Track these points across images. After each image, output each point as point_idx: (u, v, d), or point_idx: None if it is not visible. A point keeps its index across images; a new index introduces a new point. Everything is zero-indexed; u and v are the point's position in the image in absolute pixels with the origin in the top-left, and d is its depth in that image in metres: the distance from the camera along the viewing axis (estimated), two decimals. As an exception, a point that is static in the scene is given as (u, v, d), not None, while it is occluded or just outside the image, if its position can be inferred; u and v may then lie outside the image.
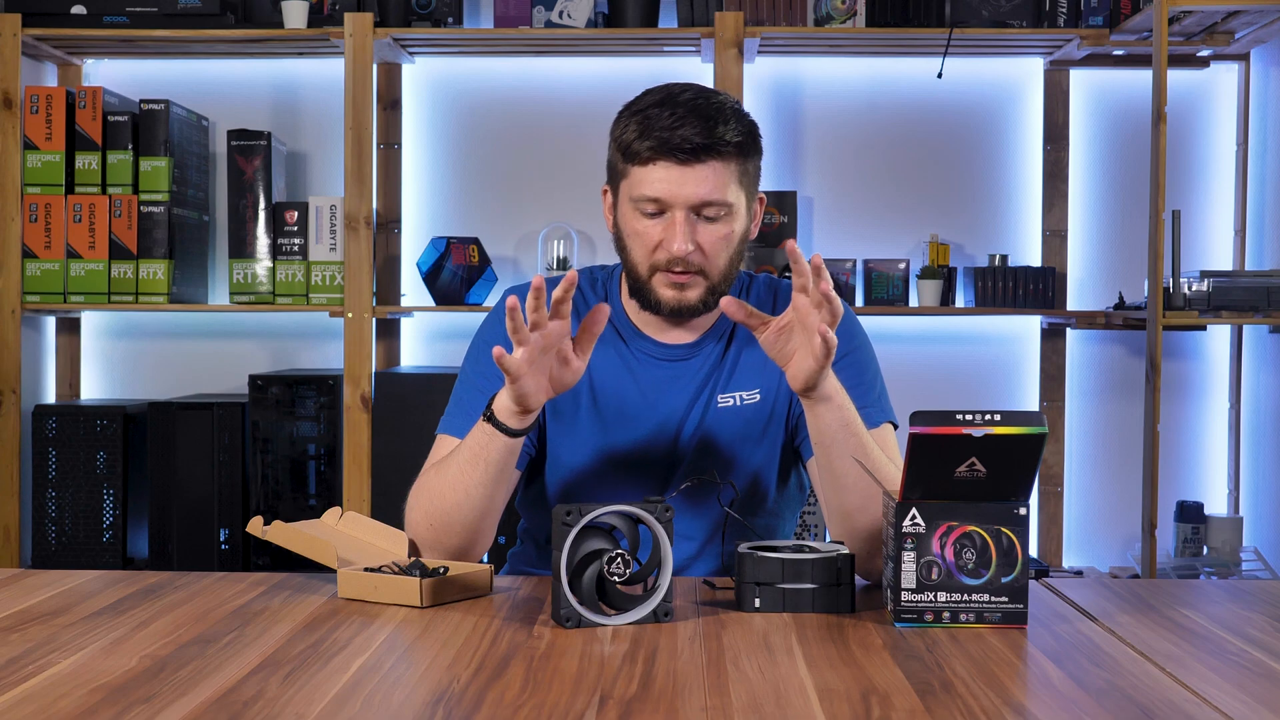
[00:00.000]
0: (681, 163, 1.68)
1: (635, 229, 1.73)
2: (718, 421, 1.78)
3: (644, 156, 1.69)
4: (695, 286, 1.73)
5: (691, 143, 1.67)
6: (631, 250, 1.74)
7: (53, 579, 1.65)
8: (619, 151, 1.73)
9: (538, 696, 1.16)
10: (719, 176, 1.69)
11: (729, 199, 1.71)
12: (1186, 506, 3.43)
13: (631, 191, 1.71)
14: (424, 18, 3.43)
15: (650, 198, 1.69)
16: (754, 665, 1.27)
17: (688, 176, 1.68)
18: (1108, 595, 1.60)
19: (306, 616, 1.46)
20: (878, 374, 1.81)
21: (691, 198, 1.68)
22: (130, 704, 1.13)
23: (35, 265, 3.36)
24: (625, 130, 1.72)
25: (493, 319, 1.83)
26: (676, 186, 1.68)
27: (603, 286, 1.86)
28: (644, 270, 1.74)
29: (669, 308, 1.74)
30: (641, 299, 1.76)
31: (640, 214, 1.71)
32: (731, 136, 1.69)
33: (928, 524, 1.41)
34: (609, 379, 1.79)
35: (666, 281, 1.72)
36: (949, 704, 1.15)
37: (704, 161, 1.68)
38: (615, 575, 1.42)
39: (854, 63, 3.63)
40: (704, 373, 1.80)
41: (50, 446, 3.32)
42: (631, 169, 1.71)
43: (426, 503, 1.68)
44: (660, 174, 1.68)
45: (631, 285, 1.77)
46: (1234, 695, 1.19)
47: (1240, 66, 3.56)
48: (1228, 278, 3.15)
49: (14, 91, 3.32)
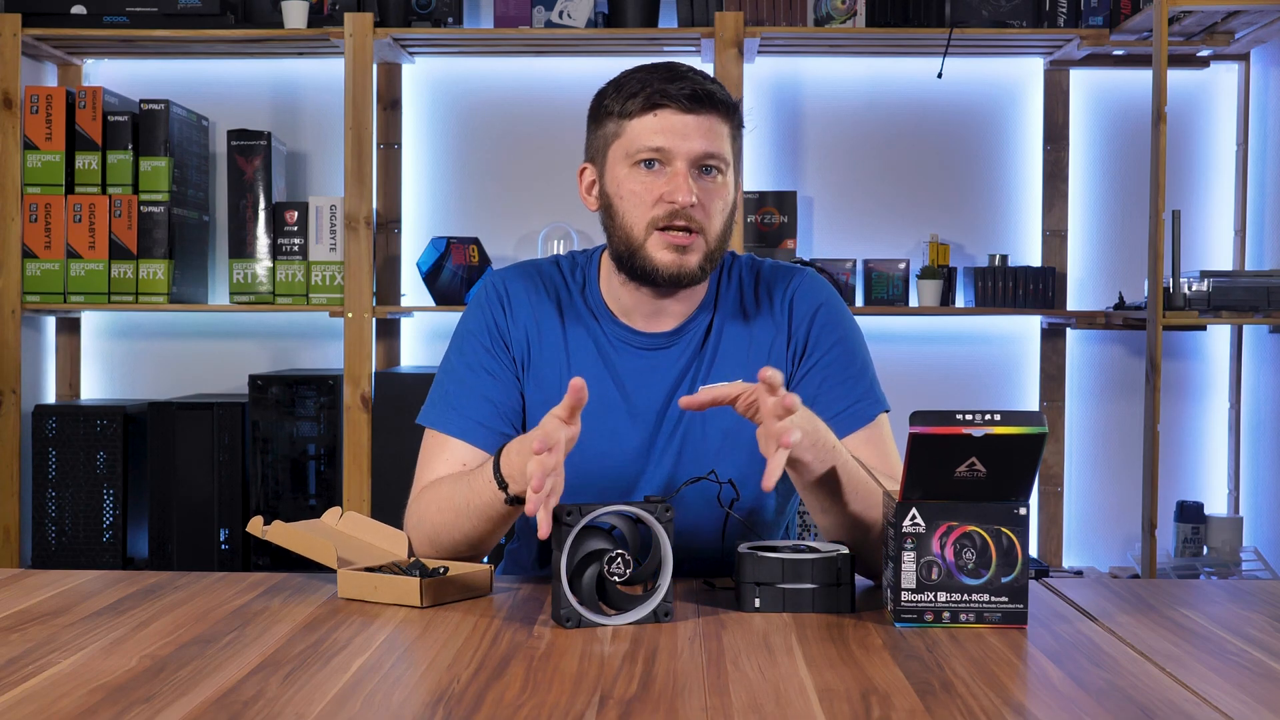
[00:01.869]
0: (685, 110, 1.66)
1: (631, 188, 1.69)
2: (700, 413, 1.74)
3: (642, 108, 1.67)
4: (695, 250, 1.68)
5: (691, 90, 1.66)
6: (626, 213, 1.69)
7: (53, 579, 1.65)
8: (609, 115, 1.71)
9: (538, 696, 1.16)
10: (718, 129, 1.68)
11: (726, 156, 1.70)
12: (1186, 506, 3.43)
13: (629, 146, 1.68)
14: (424, 18, 3.43)
15: (653, 147, 1.67)
16: (754, 665, 1.27)
17: (690, 126, 1.66)
18: (1108, 595, 1.60)
19: (306, 616, 1.46)
20: (867, 363, 1.78)
21: (694, 149, 1.67)
22: (130, 704, 1.13)
23: (35, 265, 3.36)
24: (616, 96, 1.70)
25: (474, 308, 1.81)
26: (680, 137, 1.66)
27: (581, 273, 1.82)
28: (640, 231, 1.69)
29: (668, 273, 1.69)
30: (633, 269, 1.71)
31: (638, 171, 1.68)
32: (722, 96, 1.70)
33: (928, 524, 1.41)
34: (585, 369, 1.76)
35: (666, 243, 1.68)
36: (949, 704, 1.15)
37: (704, 113, 1.67)
38: (615, 575, 1.42)
39: (854, 63, 3.63)
40: (683, 363, 1.76)
41: (50, 446, 3.32)
42: (627, 124, 1.68)
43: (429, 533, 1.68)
44: (662, 122, 1.66)
45: (622, 256, 1.72)
46: (1234, 695, 1.19)
47: (1240, 66, 3.56)
48: (1228, 278, 3.15)
49: (14, 91, 3.32)
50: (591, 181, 1.76)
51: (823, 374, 1.75)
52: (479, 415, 1.73)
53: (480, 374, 1.76)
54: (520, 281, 1.81)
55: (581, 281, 1.81)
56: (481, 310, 1.80)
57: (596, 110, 1.74)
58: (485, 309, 1.80)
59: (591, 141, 1.76)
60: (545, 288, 1.80)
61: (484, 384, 1.75)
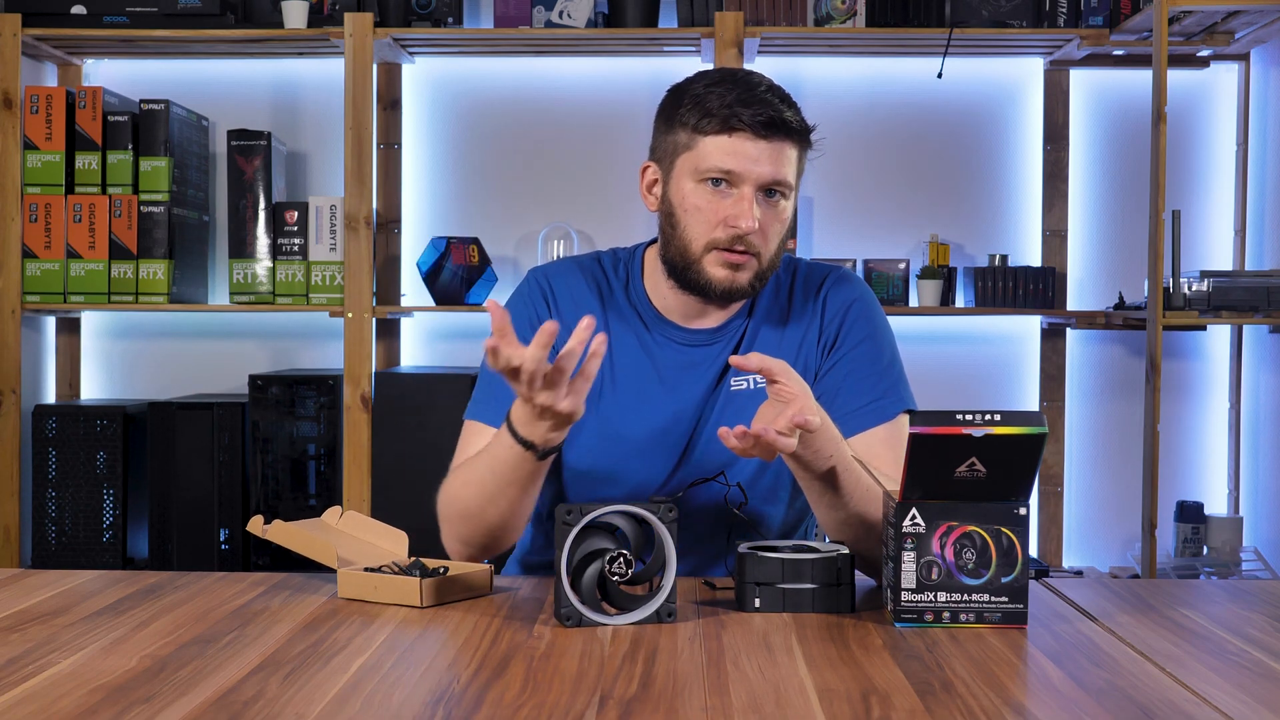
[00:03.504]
0: (757, 136, 1.66)
1: (696, 204, 1.69)
2: (731, 406, 1.76)
3: (716, 127, 1.67)
4: (749, 269, 1.70)
5: (766, 116, 1.66)
6: (687, 227, 1.70)
7: (53, 579, 1.65)
8: (682, 126, 1.70)
9: (538, 696, 1.16)
10: (785, 156, 1.69)
11: (791, 181, 1.71)
12: (1186, 506, 3.43)
13: (699, 163, 1.68)
14: (424, 18, 3.43)
15: (723, 169, 1.67)
16: (754, 665, 1.27)
17: (763, 151, 1.67)
18: (1108, 595, 1.60)
19: (306, 616, 1.46)
20: (895, 360, 1.80)
21: (764, 175, 1.67)
22: (130, 704, 1.13)
23: (35, 265, 3.36)
24: (691, 105, 1.69)
25: (517, 302, 1.81)
26: (751, 161, 1.66)
27: (624, 269, 1.83)
28: (699, 248, 1.70)
29: (720, 289, 1.70)
30: (685, 279, 1.72)
31: (705, 187, 1.69)
32: (795, 121, 1.69)
33: (928, 524, 1.41)
34: (628, 363, 1.77)
35: (721, 261, 1.69)
36: (949, 704, 1.15)
37: (775, 139, 1.67)
38: (616, 575, 1.42)
39: (854, 63, 3.63)
40: (722, 360, 1.78)
41: (50, 446, 3.32)
42: (700, 140, 1.68)
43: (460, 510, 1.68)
44: (735, 146, 1.66)
45: (676, 265, 1.73)
46: (1234, 695, 1.19)
47: (1240, 66, 3.56)
48: (1228, 278, 3.15)
49: (14, 91, 3.32)
50: (654, 181, 1.77)
51: (848, 367, 1.76)
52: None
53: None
54: (563, 276, 1.82)
55: (625, 277, 1.82)
56: (524, 304, 1.81)
57: (670, 114, 1.73)
58: (529, 303, 1.81)
59: (660, 143, 1.75)
60: (588, 282, 1.82)
61: None
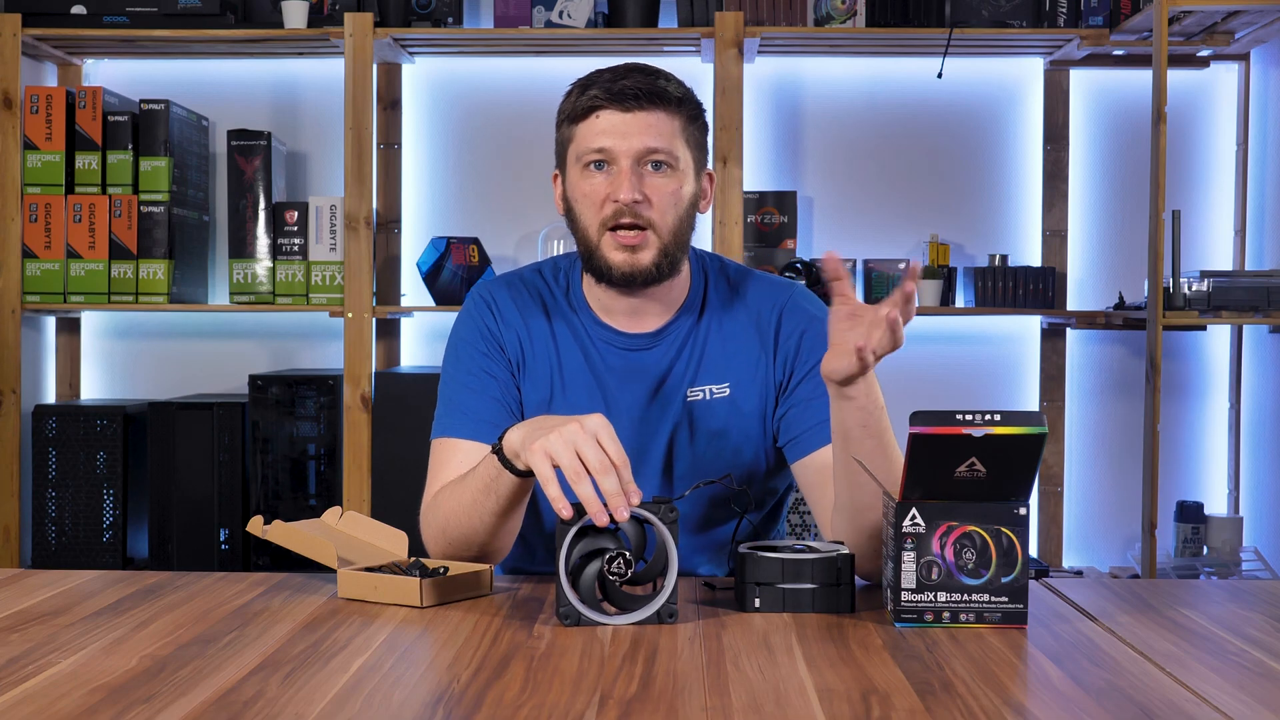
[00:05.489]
0: (625, 109, 1.68)
1: (582, 190, 1.71)
2: (689, 414, 1.76)
3: (586, 108, 1.69)
4: (646, 247, 1.70)
5: (634, 90, 1.67)
6: (581, 215, 1.72)
7: (53, 579, 1.65)
8: (563, 119, 1.73)
9: (538, 696, 1.16)
10: (663, 125, 1.69)
11: (675, 151, 1.70)
12: (1186, 506, 3.43)
13: (578, 149, 1.71)
14: (424, 18, 3.43)
15: (595, 149, 1.68)
16: (754, 665, 1.27)
17: (631, 124, 1.68)
18: (1108, 595, 1.60)
19: (306, 616, 1.46)
20: None
21: (636, 146, 1.68)
22: (130, 704, 1.13)
23: (35, 265, 3.36)
24: (568, 97, 1.73)
25: (465, 319, 1.82)
26: (620, 136, 1.68)
27: (564, 277, 1.83)
28: (594, 233, 1.71)
29: (620, 272, 1.70)
30: (593, 268, 1.73)
31: (588, 174, 1.70)
32: (674, 91, 1.70)
33: (928, 524, 1.41)
34: (575, 369, 1.78)
35: (615, 244, 1.69)
36: (949, 704, 1.14)
37: (646, 109, 1.68)
38: (615, 575, 1.42)
39: (854, 63, 3.63)
40: (667, 361, 1.77)
41: (50, 446, 3.32)
42: (575, 128, 1.71)
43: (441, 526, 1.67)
44: (603, 124, 1.68)
45: (584, 258, 1.74)
46: (1234, 695, 1.19)
47: (1240, 66, 3.56)
48: (1228, 278, 3.15)
49: (14, 91, 3.32)
50: (560, 192, 1.79)
51: (814, 383, 1.75)
52: (487, 415, 1.74)
53: (482, 377, 1.76)
54: (505, 290, 1.83)
55: (565, 285, 1.82)
56: (473, 319, 1.81)
57: (559, 110, 1.76)
58: (476, 317, 1.81)
59: (556, 146, 1.78)
60: (529, 293, 1.82)
61: (487, 385, 1.76)
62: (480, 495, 1.60)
